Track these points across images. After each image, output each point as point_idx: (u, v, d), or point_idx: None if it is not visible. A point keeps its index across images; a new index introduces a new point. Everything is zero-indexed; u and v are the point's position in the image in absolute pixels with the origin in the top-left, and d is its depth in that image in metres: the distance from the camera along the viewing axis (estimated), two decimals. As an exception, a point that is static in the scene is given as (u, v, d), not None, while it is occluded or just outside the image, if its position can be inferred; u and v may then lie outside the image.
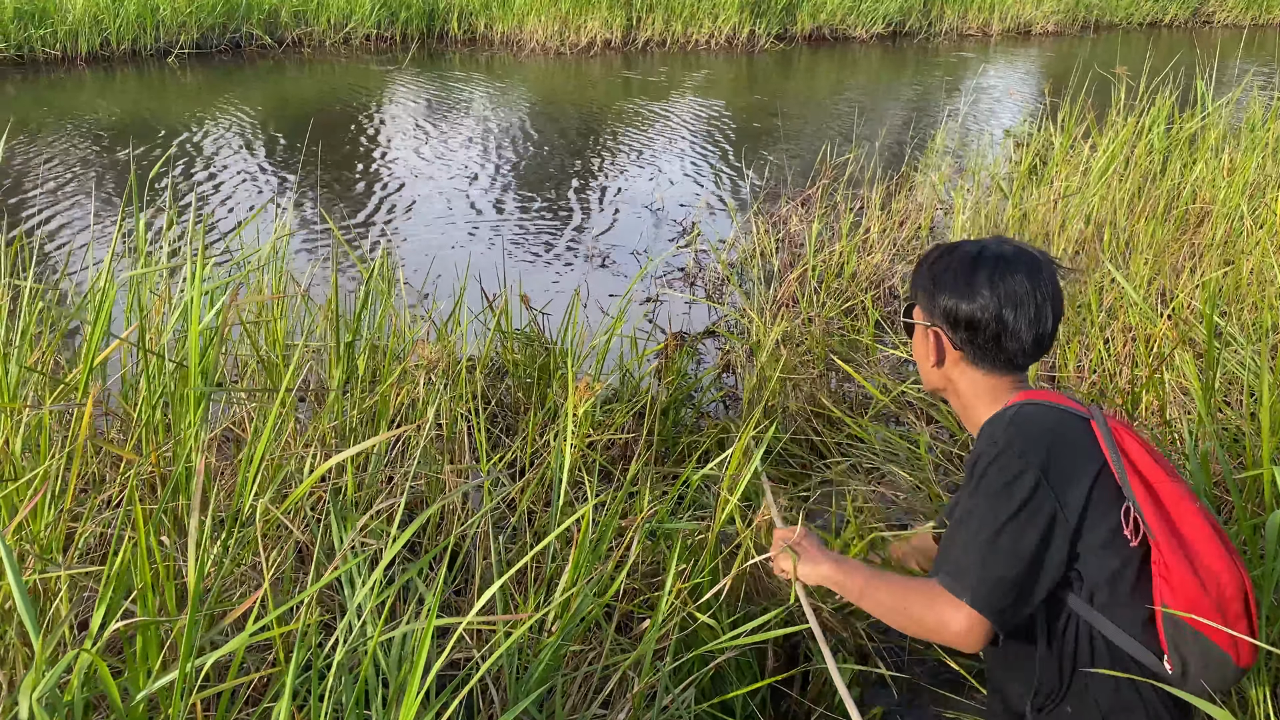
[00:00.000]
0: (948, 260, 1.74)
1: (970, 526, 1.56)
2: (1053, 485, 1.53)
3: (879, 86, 11.30)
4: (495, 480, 2.50)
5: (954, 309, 1.71)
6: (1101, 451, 1.58)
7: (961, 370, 1.76)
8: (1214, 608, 1.49)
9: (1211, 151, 4.89)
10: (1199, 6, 17.72)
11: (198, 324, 1.62)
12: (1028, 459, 1.54)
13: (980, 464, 1.58)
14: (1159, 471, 1.57)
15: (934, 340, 1.78)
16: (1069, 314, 3.70)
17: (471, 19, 12.73)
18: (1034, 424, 1.60)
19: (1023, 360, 1.71)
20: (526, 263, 5.21)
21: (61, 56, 10.61)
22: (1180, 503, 1.55)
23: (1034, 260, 1.70)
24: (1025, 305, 1.65)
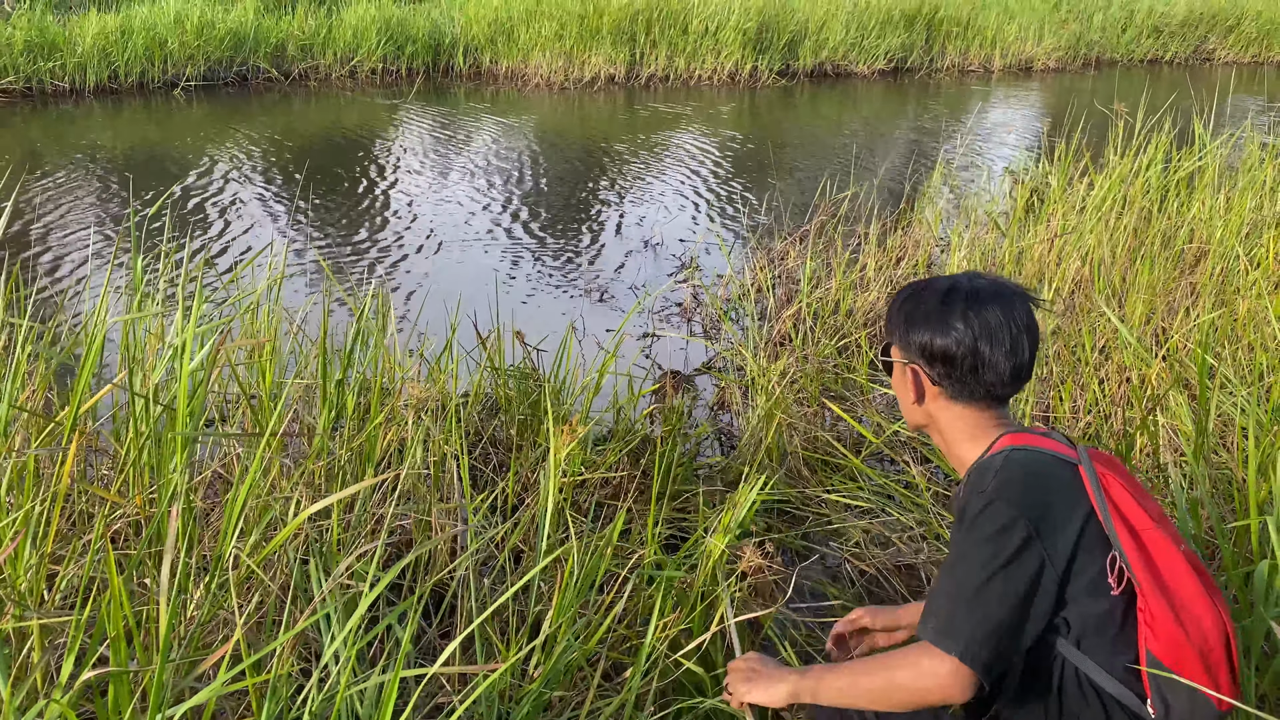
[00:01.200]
0: (920, 297, 1.75)
1: (958, 578, 1.55)
2: (1041, 535, 1.54)
3: (880, 122, 11.37)
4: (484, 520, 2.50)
5: (929, 344, 1.71)
6: (1088, 498, 1.59)
7: (942, 406, 1.76)
8: (1197, 654, 1.51)
9: (1209, 190, 4.91)
10: (1199, 44, 17.83)
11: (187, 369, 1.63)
12: (1017, 509, 1.54)
13: (969, 512, 1.58)
14: (1144, 517, 1.58)
15: (912, 377, 1.77)
16: (1064, 354, 3.70)
17: (477, 53, 12.84)
18: (1022, 472, 1.60)
19: (1001, 391, 1.71)
20: (524, 297, 5.23)
21: (70, 89, 10.71)
22: (1165, 548, 1.57)
23: (1007, 292, 1.71)
24: (1000, 336, 1.67)
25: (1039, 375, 3.57)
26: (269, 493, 1.96)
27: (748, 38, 13.26)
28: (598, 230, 6.45)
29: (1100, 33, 16.60)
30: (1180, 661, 1.51)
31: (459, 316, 3.24)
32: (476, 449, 3.11)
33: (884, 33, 14.36)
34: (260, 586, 1.80)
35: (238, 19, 11.83)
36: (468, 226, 6.46)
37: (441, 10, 13.54)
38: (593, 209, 6.96)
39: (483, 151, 8.78)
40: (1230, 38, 17.97)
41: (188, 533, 1.68)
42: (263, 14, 12.35)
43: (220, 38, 11.49)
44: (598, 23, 12.62)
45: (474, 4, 13.38)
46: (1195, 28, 17.73)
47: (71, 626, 1.35)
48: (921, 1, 15.04)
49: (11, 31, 10.56)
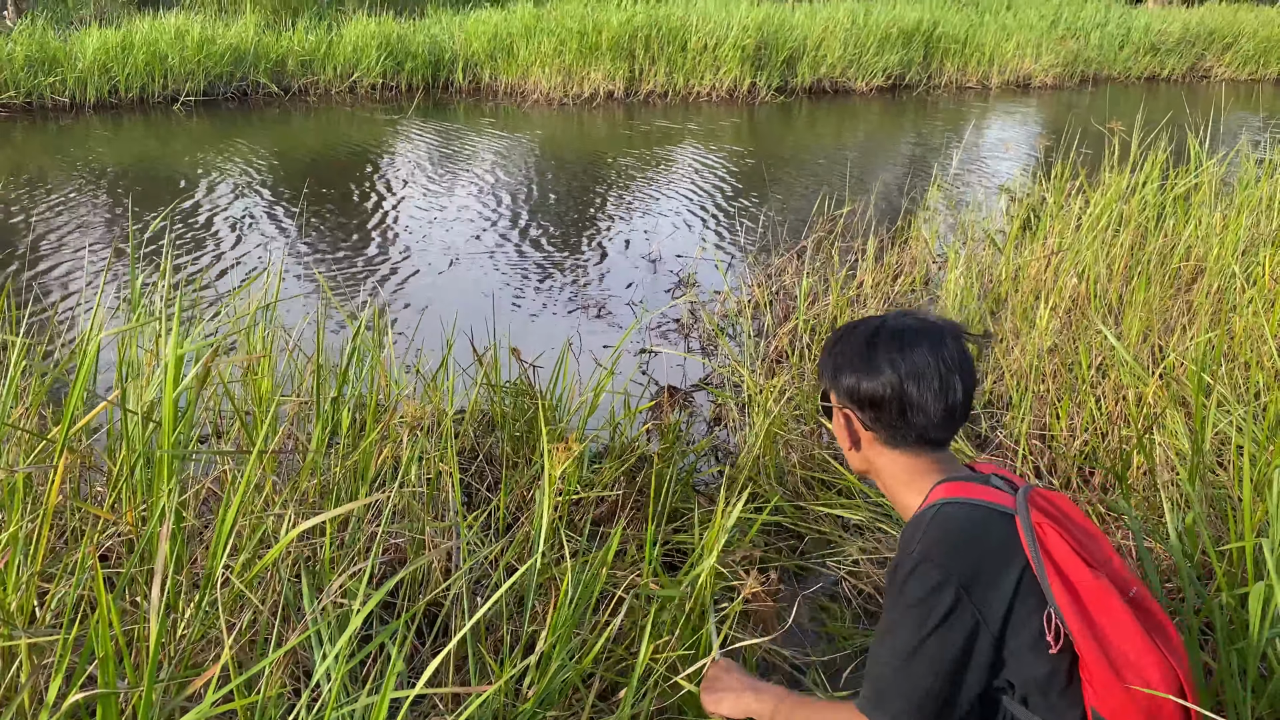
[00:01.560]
0: (848, 340, 1.71)
1: (890, 644, 1.52)
2: (973, 597, 1.48)
3: (878, 139, 11.40)
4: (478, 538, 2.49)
5: (856, 388, 1.67)
6: (1023, 552, 1.51)
7: (878, 451, 1.70)
8: (1142, 712, 1.45)
9: (1205, 208, 4.92)
10: (1196, 61, 17.91)
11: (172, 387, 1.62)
12: (946, 570, 1.49)
13: (900, 574, 1.53)
14: (1083, 569, 1.49)
15: (844, 422, 1.73)
16: (1061, 372, 3.70)
17: (476, 69, 12.89)
18: (953, 528, 1.54)
19: (935, 434, 1.65)
20: (522, 312, 5.23)
21: (70, 103, 10.75)
22: (1105, 601, 1.48)
23: (936, 331, 1.65)
24: (928, 377, 1.60)
25: (1036, 393, 3.57)
26: (261, 510, 1.95)
27: (746, 54, 13.31)
28: (596, 246, 6.46)
29: (1098, 50, 16.68)
30: (1125, 718, 1.45)
31: (455, 333, 3.24)
32: (472, 466, 3.10)
33: (882, 50, 14.42)
34: (251, 605, 1.79)
35: (238, 34, 11.88)
36: (466, 242, 6.47)
37: (442, 26, 13.60)
38: (591, 225, 6.98)
39: (482, 167, 8.80)
40: (1227, 55, 18.05)
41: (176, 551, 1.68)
42: (263, 30, 12.41)
43: (221, 53, 11.54)
44: (597, 39, 12.68)
45: (473, 20, 13.44)
46: (1192, 45, 17.81)
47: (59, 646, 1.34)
48: (919, 19, 15.12)
49: (12, 46, 10.60)
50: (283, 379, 2.88)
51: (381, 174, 8.39)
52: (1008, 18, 17.02)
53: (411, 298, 5.39)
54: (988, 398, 3.86)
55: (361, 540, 2.20)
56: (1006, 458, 3.40)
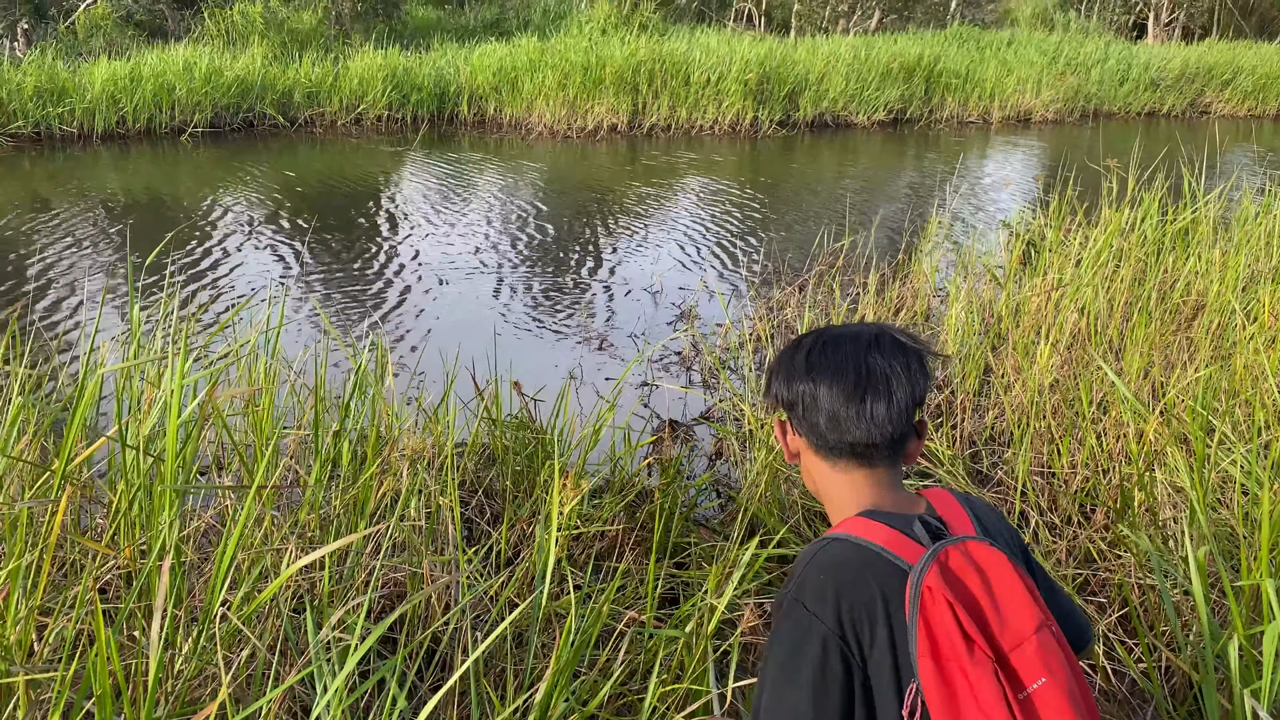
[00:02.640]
0: (787, 348, 1.58)
1: (766, 696, 1.40)
2: (844, 634, 1.36)
3: (879, 173, 11.47)
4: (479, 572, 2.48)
5: (781, 391, 1.54)
6: (903, 613, 1.37)
7: (813, 462, 1.55)
8: None
9: (1204, 244, 4.94)
10: (1196, 97, 18.03)
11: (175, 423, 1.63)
12: (815, 611, 1.37)
13: (780, 609, 1.43)
14: (961, 654, 1.32)
15: (779, 429, 1.60)
16: (1062, 408, 3.70)
17: (481, 102, 13.00)
18: (836, 566, 1.41)
19: (861, 447, 1.48)
20: (524, 344, 5.24)
21: (78, 134, 10.83)
22: (980, 694, 1.31)
23: (866, 334, 1.51)
24: (845, 380, 1.45)
25: (1037, 429, 3.57)
26: (261, 544, 1.95)
27: (749, 89, 13.42)
28: (599, 278, 6.48)
29: (1098, 85, 16.79)
30: None
31: (457, 367, 3.25)
32: (473, 500, 3.10)
33: (883, 85, 14.54)
34: (249, 640, 1.79)
35: (245, 66, 11.99)
36: (470, 275, 6.50)
37: (447, 60, 13.72)
38: (593, 257, 7.01)
39: (485, 199, 8.85)
40: (1227, 91, 18.18)
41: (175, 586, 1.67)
42: (270, 62, 12.53)
43: (228, 85, 11.64)
44: (601, 73, 12.79)
45: (479, 54, 13.57)
46: (1192, 81, 17.94)
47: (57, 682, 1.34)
48: (920, 54, 15.26)
49: (22, 77, 10.71)
50: (283, 412, 2.88)
51: (385, 206, 8.44)
52: (1008, 54, 17.18)
53: (414, 329, 5.41)
54: (989, 434, 3.86)
55: (361, 575, 2.20)
56: (1007, 495, 3.40)
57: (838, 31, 20.63)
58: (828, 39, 17.62)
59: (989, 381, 4.23)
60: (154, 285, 5.92)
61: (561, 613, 2.19)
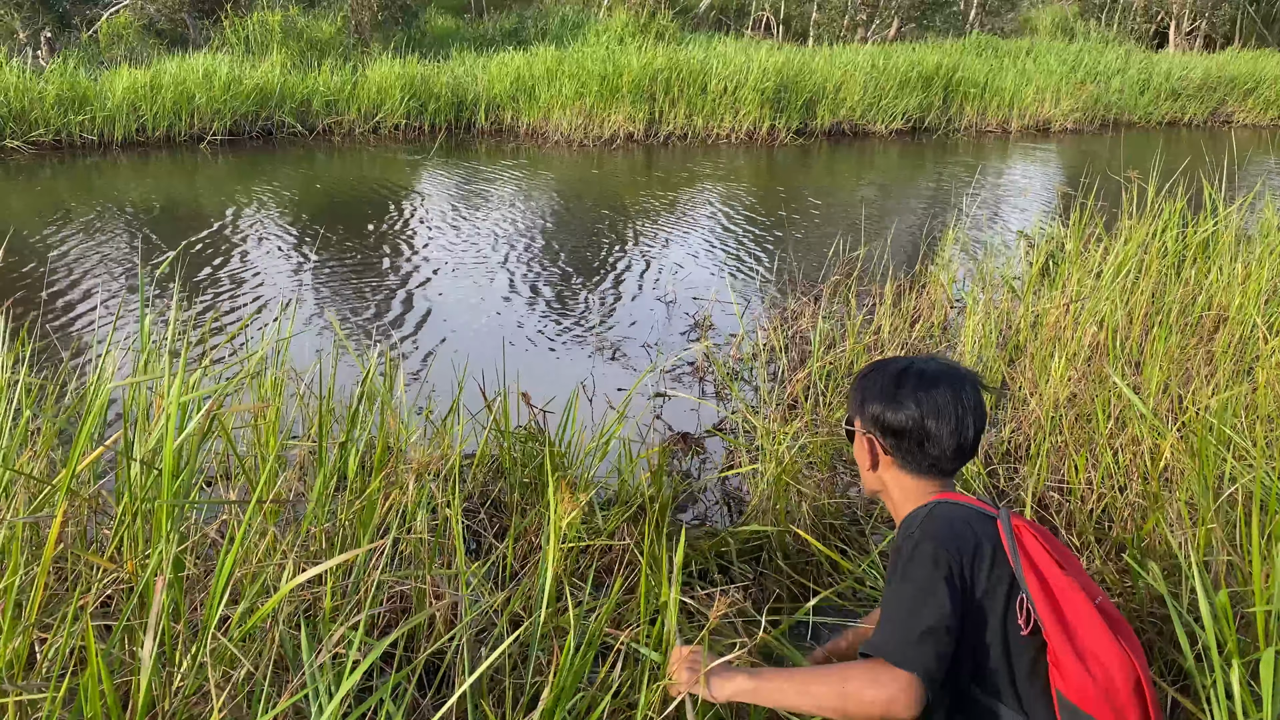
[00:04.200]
0: (878, 374, 1.96)
1: (896, 605, 1.68)
2: (963, 565, 1.70)
3: (896, 182, 11.41)
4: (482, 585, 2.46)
5: (882, 417, 1.91)
6: (1003, 546, 1.74)
7: (893, 474, 1.94)
8: (1102, 695, 1.61)
9: (1226, 256, 4.87)
10: (1218, 107, 17.89)
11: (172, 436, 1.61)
12: (942, 545, 1.70)
13: (902, 555, 1.74)
14: (1055, 567, 1.71)
15: (868, 446, 1.96)
16: (1080, 422, 3.64)
17: (498, 110, 13.03)
18: (947, 518, 1.77)
19: (946, 465, 1.89)
20: (537, 352, 5.22)
21: (98, 141, 10.92)
22: (1073, 596, 1.68)
23: (957, 376, 1.90)
24: (947, 416, 1.85)
25: (1053, 445, 3.52)
26: (264, 558, 1.94)
27: (766, 97, 13.40)
28: (612, 287, 6.46)
29: (1118, 95, 16.69)
30: (1086, 703, 1.61)
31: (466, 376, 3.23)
32: (480, 512, 3.08)
33: (901, 93, 14.49)
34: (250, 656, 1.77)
35: (264, 75, 12.06)
36: (484, 283, 6.49)
37: (465, 68, 13.77)
38: (607, 266, 6.99)
39: (501, 209, 8.86)
40: (1249, 101, 18.02)
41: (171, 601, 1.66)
42: (289, 70, 12.60)
43: (247, 93, 11.71)
44: (618, 82, 12.80)
45: (496, 63, 13.61)
46: (1213, 90, 17.80)
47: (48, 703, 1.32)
48: (939, 64, 15.20)
49: (43, 85, 10.80)
50: (293, 422, 2.87)
51: (401, 214, 8.45)
52: (1028, 63, 17.10)
53: (427, 338, 5.40)
54: (1005, 448, 3.81)
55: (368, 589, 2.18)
56: (1022, 513, 3.35)
57: (856, 40, 20.60)
58: (845, 47, 17.58)
59: (1007, 395, 4.18)
60: (171, 294, 5.94)
61: (566, 628, 2.17)
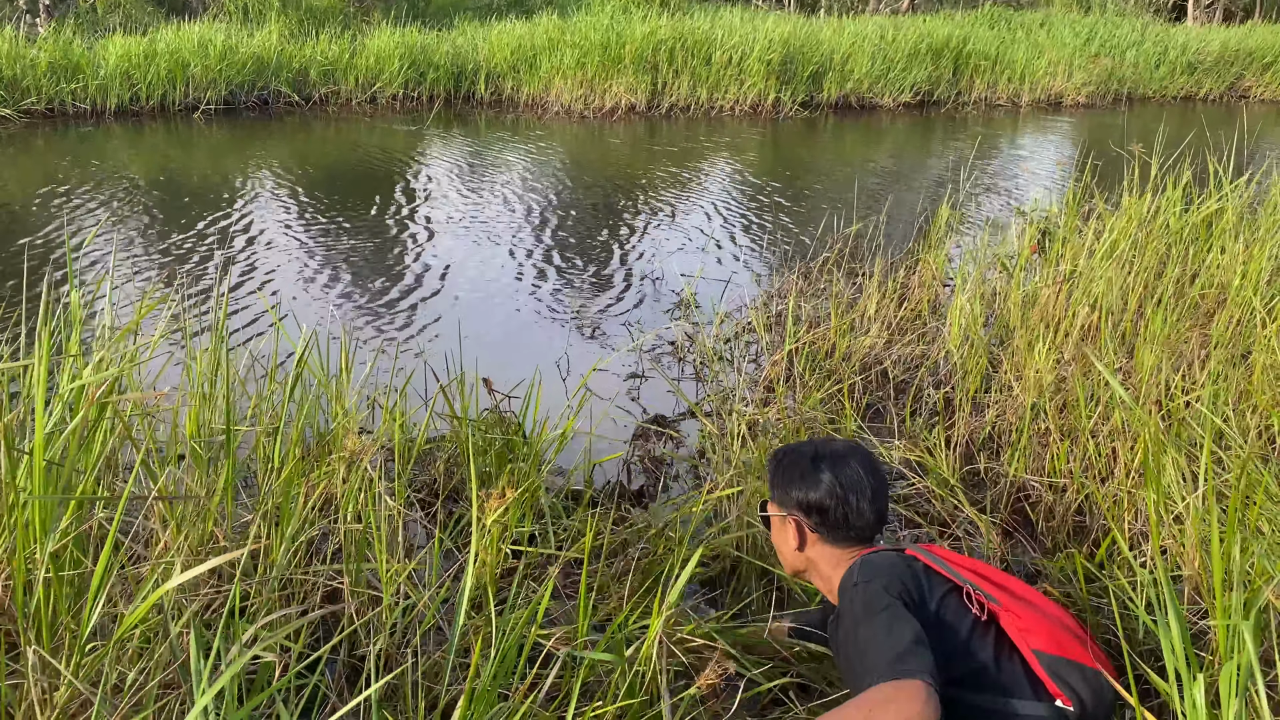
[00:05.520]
0: (792, 459, 2.11)
1: (872, 641, 1.71)
2: (907, 588, 1.82)
3: (902, 157, 11.19)
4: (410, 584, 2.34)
5: (805, 498, 2.05)
6: (930, 569, 1.91)
7: (819, 550, 2.07)
8: (1067, 635, 1.77)
9: (1229, 235, 4.69)
10: (1235, 81, 17.53)
11: (42, 423, 1.49)
12: (884, 577, 1.83)
13: (855, 605, 1.80)
14: (975, 562, 1.94)
15: (794, 528, 2.09)
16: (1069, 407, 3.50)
17: (498, 81, 12.83)
18: (875, 562, 1.90)
19: (868, 534, 2.04)
20: (511, 330, 5.08)
21: (91, 110, 10.78)
22: (1000, 574, 1.91)
23: (860, 452, 2.09)
24: (863, 489, 2.02)
25: (1034, 433, 3.38)
26: (160, 557, 1.82)
27: (771, 69, 13.15)
28: (599, 262, 6.31)
29: (1133, 69, 16.35)
30: (1065, 649, 1.73)
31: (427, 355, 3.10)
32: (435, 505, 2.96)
33: (910, 66, 14.21)
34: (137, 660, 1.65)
35: (261, 43, 11.89)
36: (469, 259, 6.34)
37: (466, 38, 13.56)
38: (597, 240, 6.83)
39: (497, 181, 8.70)
40: (1267, 75, 17.65)
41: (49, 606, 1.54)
42: (286, 39, 12.42)
43: (243, 62, 11.54)
44: (620, 52, 12.57)
45: (497, 32, 13.39)
46: (1230, 64, 17.44)
47: None
48: (949, 36, 14.90)
49: (36, 53, 10.66)
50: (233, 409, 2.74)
51: (392, 186, 8.29)
52: (1041, 35, 16.77)
53: (395, 314, 5.26)
54: (988, 431, 3.67)
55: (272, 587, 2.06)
56: (999, 501, 3.21)
57: (868, 11, 20.26)
58: (854, 18, 17.29)
59: (994, 378, 4.03)
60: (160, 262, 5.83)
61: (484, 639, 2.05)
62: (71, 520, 1.64)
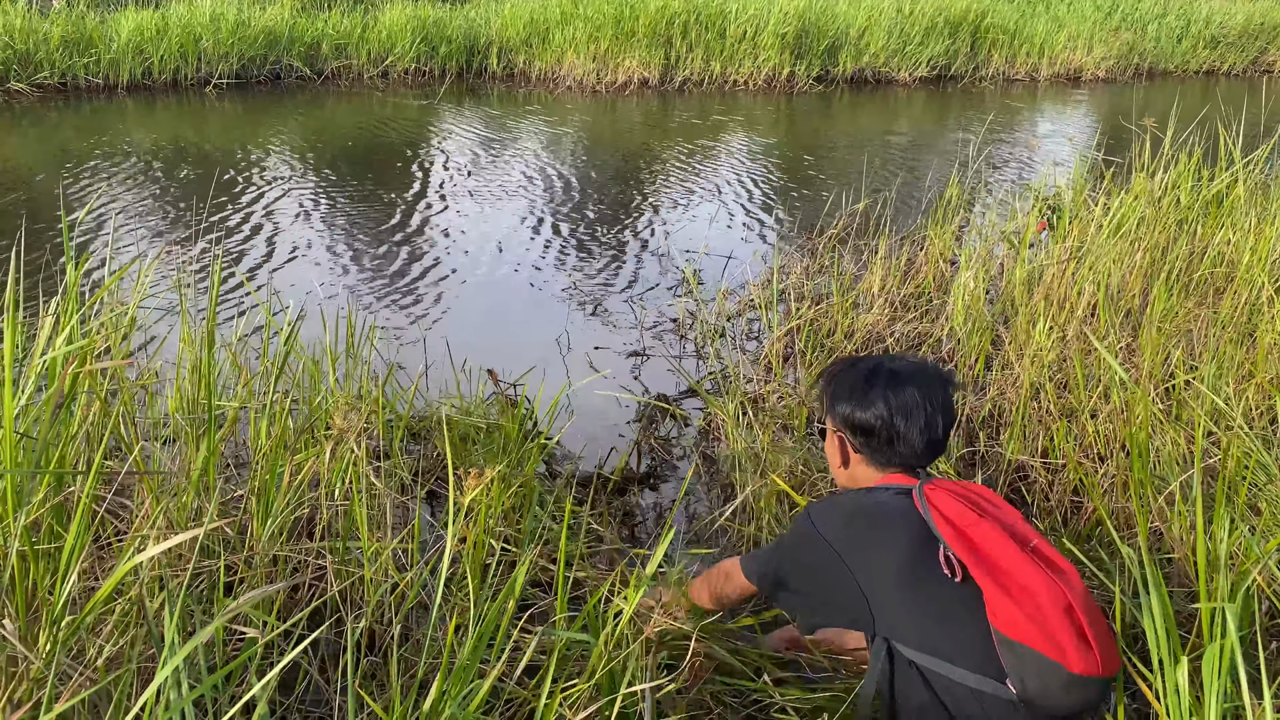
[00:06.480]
0: (848, 374, 2.01)
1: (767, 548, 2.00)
2: (836, 548, 1.81)
3: (916, 132, 11.08)
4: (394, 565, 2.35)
5: (851, 416, 1.96)
6: (917, 516, 1.80)
7: (864, 470, 1.99)
8: (1028, 620, 1.62)
9: (1239, 212, 4.62)
10: (1259, 55, 17.25)
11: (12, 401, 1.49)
12: (819, 528, 1.85)
13: (794, 523, 1.95)
14: (968, 513, 1.76)
15: (839, 444, 2.02)
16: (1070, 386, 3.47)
17: (510, 55, 12.76)
18: (844, 504, 1.90)
19: (915, 462, 1.94)
20: (514, 306, 5.06)
21: (103, 84, 10.79)
22: (988, 532, 1.73)
23: (927, 374, 1.95)
24: (916, 415, 1.90)
25: (1034, 413, 3.35)
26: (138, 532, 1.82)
27: (786, 42, 13.02)
28: (605, 239, 6.29)
29: (1155, 42, 16.11)
30: (1016, 631, 1.63)
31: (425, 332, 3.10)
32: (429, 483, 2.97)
33: (927, 39, 14.04)
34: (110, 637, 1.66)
35: (274, 17, 11.85)
36: (477, 235, 6.33)
37: (479, 11, 13.47)
38: (604, 217, 6.80)
39: (508, 156, 8.67)
40: (1292, 49, 17.37)
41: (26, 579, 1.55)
42: (299, 13, 12.37)
43: (254, 36, 11.51)
44: (633, 25, 12.46)
45: (510, 5, 13.30)
46: (1254, 38, 17.15)
47: None
48: (967, 9, 14.70)
49: (49, 27, 10.67)
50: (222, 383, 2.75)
51: (404, 160, 8.28)
52: (1061, 9, 16.52)
53: (402, 290, 5.26)
54: (989, 408, 3.64)
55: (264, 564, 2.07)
56: (996, 483, 3.19)
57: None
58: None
59: (997, 356, 3.99)
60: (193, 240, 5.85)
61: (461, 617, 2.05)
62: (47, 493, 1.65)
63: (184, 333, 2.71)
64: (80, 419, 1.89)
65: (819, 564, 1.82)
